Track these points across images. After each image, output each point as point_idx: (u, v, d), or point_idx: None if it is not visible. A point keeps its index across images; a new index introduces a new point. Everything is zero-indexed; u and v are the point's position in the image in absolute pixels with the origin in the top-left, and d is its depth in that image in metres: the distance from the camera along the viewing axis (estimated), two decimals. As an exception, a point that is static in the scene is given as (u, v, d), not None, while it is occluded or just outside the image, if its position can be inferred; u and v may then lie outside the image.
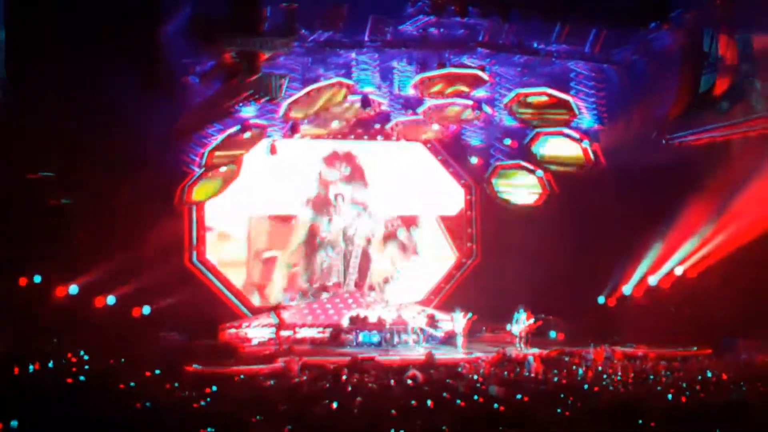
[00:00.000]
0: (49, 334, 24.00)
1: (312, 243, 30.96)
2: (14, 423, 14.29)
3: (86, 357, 22.67)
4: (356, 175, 31.48)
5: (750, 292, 25.60)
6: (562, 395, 17.34)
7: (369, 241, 31.19)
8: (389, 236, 31.41)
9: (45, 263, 25.39)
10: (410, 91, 27.08)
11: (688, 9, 25.00)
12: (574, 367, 22.88)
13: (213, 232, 30.26)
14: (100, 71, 24.07)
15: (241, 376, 21.31)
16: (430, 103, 27.52)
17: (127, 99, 23.86)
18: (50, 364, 21.41)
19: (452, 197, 32.66)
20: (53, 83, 24.46)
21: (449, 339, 27.15)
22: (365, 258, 31.15)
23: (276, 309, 28.05)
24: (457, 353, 25.46)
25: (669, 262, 28.25)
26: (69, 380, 19.47)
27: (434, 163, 32.46)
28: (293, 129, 27.77)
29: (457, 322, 26.66)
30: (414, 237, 31.93)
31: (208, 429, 14.35)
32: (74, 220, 25.96)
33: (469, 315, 26.58)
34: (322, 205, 31.11)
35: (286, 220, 31.05)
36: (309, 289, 30.78)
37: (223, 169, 27.31)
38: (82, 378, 19.78)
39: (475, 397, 17.33)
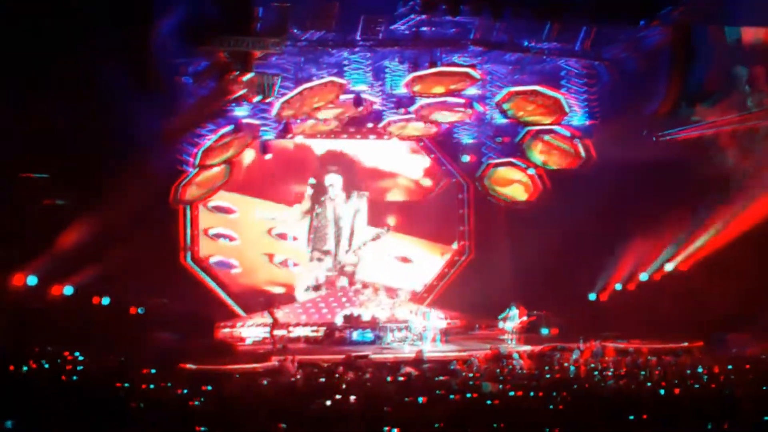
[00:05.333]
0: (44, 333, 24.05)
1: (310, 224, 31.37)
2: (9, 423, 14.35)
3: (81, 357, 22.75)
4: (348, 165, 31.70)
5: (740, 287, 25.78)
6: (554, 391, 17.47)
7: (355, 217, 31.58)
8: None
9: (39, 263, 25.49)
10: (402, 90, 27.17)
11: (677, 6, 25.11)
12: (566, 363, 23.03)
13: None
14: (94, 71, 24.10)
15: (237, 375, 21.41)
16: (422, 101, 27.63)
17: (121, 99, 23.90)
18: (45, 364, 21.49)
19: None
20: (45, 83, 24.53)
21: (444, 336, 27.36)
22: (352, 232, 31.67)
23: (270, 308, 28.16)
24: (450, 351, 25.59)
25: (660, 257, 28.44)
26: (63, 378, 19.56)
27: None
28: (286, 128, 27.88)
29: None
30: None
31: (202, 428, 14.43)
32: (68, 220, 26.02)
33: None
34: (318, 192, 31.40)
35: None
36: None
37: (216, 168, 27.41)
38: (75, 378, 19.87)
39: (469, 393, 17.45)
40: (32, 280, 25.72)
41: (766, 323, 24.07)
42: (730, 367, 21.03)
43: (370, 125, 30.41)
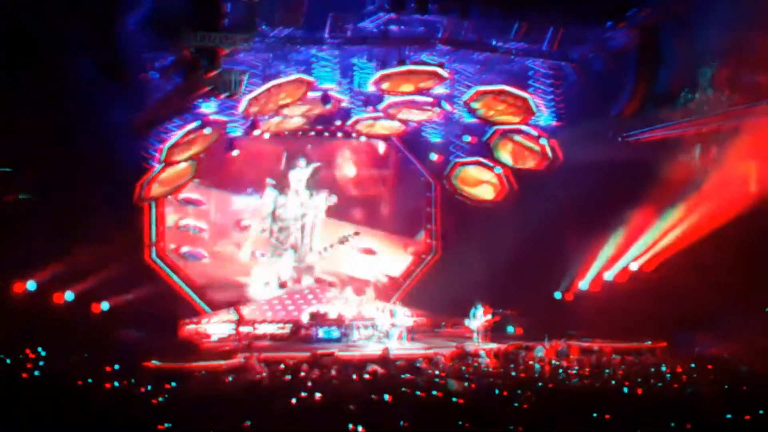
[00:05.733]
0: (5, 330, 23.78)
1: (274, 214, 31.42)
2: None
3: (43, 353, 22.54)
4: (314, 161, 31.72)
5: (704, 287, 26.01)
6: (519, 390, 17.55)
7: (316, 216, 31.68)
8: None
9: (1, 259, 25.21)
10: (370, 88, 27.15)
11: (644, 7, 25.30)
12: (531, 362, 23.16)
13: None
14: (60, 64, 23.89)
15: (202, 372, 21.30)
16: (390, 99, 27.62)
17: (87, 93, 23.69)
18: (6, 360, 21.28)
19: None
20: (10, 75, 24.28)
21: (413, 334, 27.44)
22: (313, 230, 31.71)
23: (236, 305, 28.06)
24: (415, 349, 25.63)
25: (624, 257, 28.64)
26: (25, 375, 19.37)
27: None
28: (253, 125, 27.78)
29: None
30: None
31: (166, 425, 14.36)
32: (31, 216, 25.75)
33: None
34: (283, 185, 31.49)
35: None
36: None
37: (182, 165, 27.24)
38: (37, 373, 19.69)
39: (434, 391, 17.49)
40: (-6, 277, 25.42)
41: (729, 323, 24.30)
42: (693, 366, 21.25)
43: (337, 123, 30.35)
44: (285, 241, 31.36)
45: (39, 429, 14.59)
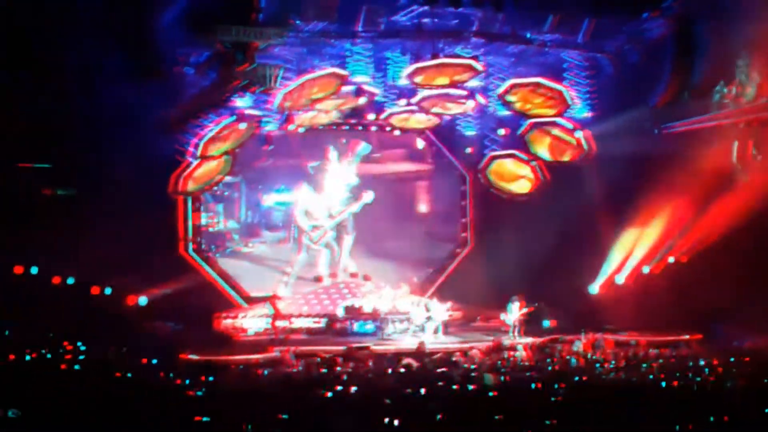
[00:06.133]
0: (46, 323, 24.08)
1: (307, 212, 31.22)
2: (11, 413, 14.38)
3: (83, 347, 22.78)
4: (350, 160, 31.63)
5: (740, 279, 25.79)
6: (554, 383, 17.50)
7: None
8: None
9: (41, 253, 25.52)
10: (404, 82, 27.14)
11: (680, -2, 25.13)
12: (566, 355, 23.07)
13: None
14: (95, 61, 24.11)
15: (240, 366, 21.43)
16: (423, 93, 27.59)
17: (122, 89, 23.89)
18: (46, 354, 21.52)
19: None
20: (46, 72, 24.53)
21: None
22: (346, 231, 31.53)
23: (271, 299, 28.18)
24: (450, 342, 25.62)
25: (661, 249, 28.43)
26: (64, 367, 19.59)
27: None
28: (288, 119, 27.85)
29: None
30: None
31: (203, 418, 14.46)
32: (69, 210, 26.03)
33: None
34: (317, 182, 31.32)
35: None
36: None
37: (217, 160, 27.36)
38: (77, 367, 19.90)
39: (469, 385, 17.48)
40: (33, 270, 25.73)
41: (766, 315, 24.06)
42: (731, 359, 21.07)
43: (371, 117, 30.37)
44: (319, 241, 31.31)
45: (77, 421, 14.74)
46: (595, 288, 29.62)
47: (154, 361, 20.71)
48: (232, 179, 30.17)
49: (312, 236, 31.09)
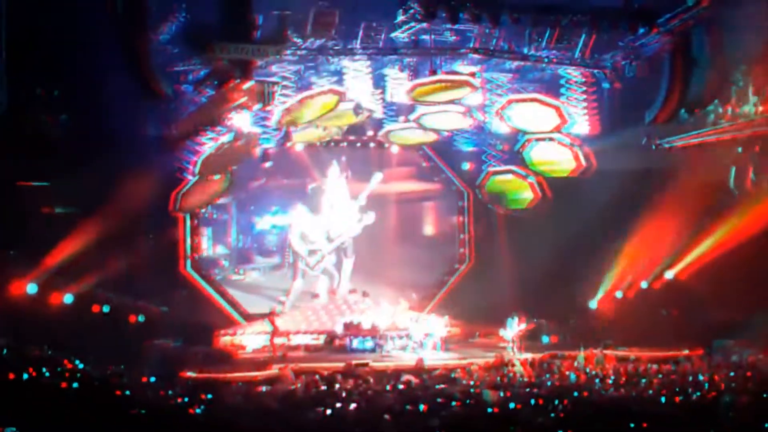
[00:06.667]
0: (44, 342, 24.02)
1: (302, 237, 31.03)
2: (10, 430, 14.34)
3: (81, 365, 22.72)
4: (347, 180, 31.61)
5: (740, 294, 25.77)
6: (556, 400, 17.45)
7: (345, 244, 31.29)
8: None
9: (39, 271, 25.49)
10: (402, 98, 27.18)
11: (676, 13, 25.13)
12: (566, 371, 23.02)
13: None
14: (93, 79, 24.16)
15: (240, 384, 21.38)
16: (422, 109, 27.64)
17: (121, 106, 23.94)
18: (45, 372, 21.45)
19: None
20: (45, 90, 24.59)
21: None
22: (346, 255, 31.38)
23: (270, 316, 28.15)
24: (450, 359, 25.57)
25: (660, 265, 28.43)
26: (63, 385, 19.52)
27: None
28: (286, 136, 27.88)
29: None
30: None
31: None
32: (68, 228, 26.01)
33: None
34: (315, 203, 31.21)
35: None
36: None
37: (216, 177, 27.39)
38: (76, 385, 19.83)
39: (469, 401, 17.43)
40: (32, 288, 25.70)
41: (766, 330, 24.05)
42: (731, 374, 21.03)
43: (369, 133, 30.40)
44: (316, 266, 30.89)
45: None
46: (594, 303, 29.60)
47: (152, 379, 20.64)
48: (223, 200, 30.00)
49: (309, 261, 30.86)
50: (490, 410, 16.39)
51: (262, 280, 31.54)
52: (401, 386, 20.40)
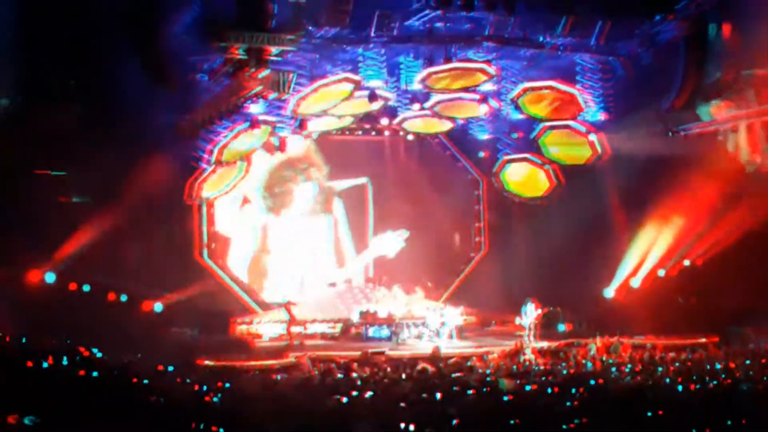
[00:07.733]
0: (62, 330, 24.16)
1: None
2: (27, 420, 14.42)
3: (99, 354, 22.84)
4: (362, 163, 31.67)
5: (756, 281, 25.68)
6: (572, 388, 17.44)
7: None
8: None
9: (56, 260, 25.63)
10: (417, 86, 27.15)
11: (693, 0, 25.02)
12: (582, 359, 23.02)
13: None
14: (110, 68, 24.23)
15: (256, 372, 21.46)
16: (437, 97, 27.60)
17: (137, 96, 23.99)
18: (63, 360, 21.58)
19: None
20: (60, 80, 24.66)
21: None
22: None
23: (286, 305, 28.23)
24: (466, 347, 25.60)
25: (676, 252, 28.35)
26: (82, 374, 19.63)
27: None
28: (301, 125, 27.90)
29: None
30: None
31: (220, 430, 14.46)
32: (85, 217, 26.14)
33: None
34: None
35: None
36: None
37: (232, 165, 27.43)
38: (95, 374, 19.94)
39: (485, 390, 17.45)
40: (49, 277, 25.86)
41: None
42: (747, 362, 20.97)
43: (384, 121, 30.42)
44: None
45: (94, 428, 14.78)
46: (610, 291, 29.54)
47: (170, 368, 20.73)
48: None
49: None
50: (506, 398, 16.39)
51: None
52: (417, 374, 20.43)
